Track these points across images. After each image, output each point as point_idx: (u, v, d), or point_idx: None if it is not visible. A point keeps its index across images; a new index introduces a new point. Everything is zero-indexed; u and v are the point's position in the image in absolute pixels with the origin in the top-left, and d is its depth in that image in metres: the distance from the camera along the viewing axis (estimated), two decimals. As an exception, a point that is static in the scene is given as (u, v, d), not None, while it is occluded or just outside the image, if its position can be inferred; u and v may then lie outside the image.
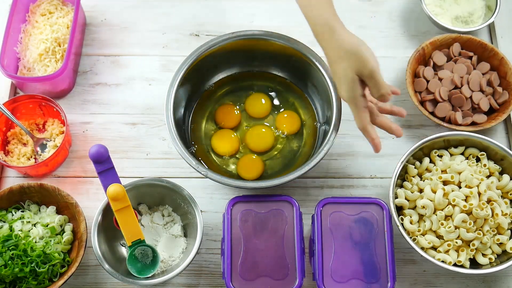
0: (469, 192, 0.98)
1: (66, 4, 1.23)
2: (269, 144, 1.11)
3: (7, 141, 1.13)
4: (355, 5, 1.28)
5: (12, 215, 1.02)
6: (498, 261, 0.99)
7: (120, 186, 0.93)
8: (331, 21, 0.92)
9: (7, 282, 0.97)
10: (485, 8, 1.22)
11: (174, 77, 1.06)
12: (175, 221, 1.04)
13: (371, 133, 0.93)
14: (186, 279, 1.04)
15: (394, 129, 0.96)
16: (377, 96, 0.90)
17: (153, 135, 1.15)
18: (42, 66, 1.15)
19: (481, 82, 1.13)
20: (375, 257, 0.95)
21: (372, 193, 1.10)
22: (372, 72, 0.89)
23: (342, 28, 0.92)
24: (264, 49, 1.12)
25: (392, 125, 0.96)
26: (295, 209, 0.98)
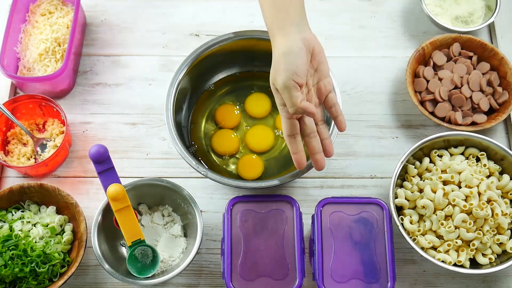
0: (469, 192, 0.98)
1: (66, 4, 1.23)
2: (269, 144, 1.11)
3: (7, 141, 1.13)
4: (355, 5, 1.28)
5: (12, 215, 1.02)
6: (498, 261, 0.99)
7: (120, 186, 0.93)
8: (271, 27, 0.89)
9: (7, 282, 0.97)
10: (485, 8, 1.22)
11: (174, 77, 1.06)
12: (175, 221, 1.04)
13: (292, 146, 0.88)
14: (186, 279, 1.04)
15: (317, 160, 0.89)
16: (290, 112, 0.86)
17: (153, 135, 1.15)
18: (42, 66, 1.15)
19: (481, 82, 1.13)
20: (375, 257, 0.95)
21: (372, 193, 1.10)
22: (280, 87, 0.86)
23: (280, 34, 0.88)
24: (264, 49, 1.11)
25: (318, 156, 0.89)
26: (295, 209, 0.98)
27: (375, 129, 1.16)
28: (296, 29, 0.87)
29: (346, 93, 1.19)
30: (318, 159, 0.90)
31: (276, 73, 0.86)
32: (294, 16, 0.88)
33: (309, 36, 0.88)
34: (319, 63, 0.90)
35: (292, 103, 0.85)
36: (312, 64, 0.89)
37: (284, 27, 0.88)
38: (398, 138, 1.15)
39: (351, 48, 1.23)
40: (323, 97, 0.91)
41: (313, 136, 0.90)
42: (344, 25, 1.26)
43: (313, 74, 0.90)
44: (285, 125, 0.88)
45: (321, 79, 0.90)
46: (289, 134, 0.88)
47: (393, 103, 1.18)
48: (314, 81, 0.91)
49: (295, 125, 0.88)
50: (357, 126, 1.16)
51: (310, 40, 0.88)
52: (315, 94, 0.91)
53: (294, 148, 0.88)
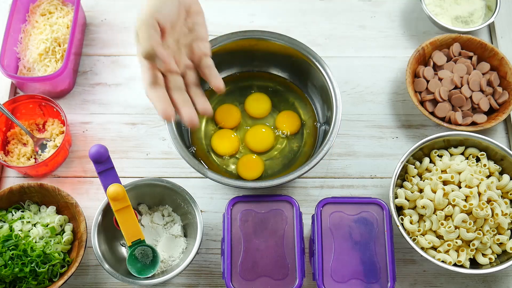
0: (469, 192, 0.98)
1: (66, 4, 1.23)
2: (269, 144, 1.11)
3: (7, 141, 1.13)
4: (355, 5, 1.28)
5: (12, 215, 1.02)
6: (498, 261, 0.99)
7: (120, 186, 0.93)
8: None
9: (7, 282, 0.97)
10: (485, 8, 1.22)
11: (174, 77, 1.06)
12: (175, 221, 1.04)
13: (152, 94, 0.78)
14: (186, 279, 1.04)
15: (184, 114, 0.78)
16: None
17: (153, 135, 1.15)
18: (42, 66, 1.15)
19: (481, 82, 1.13)
20: (375, 257, 0.95)
21: (372, 193, 1.10)
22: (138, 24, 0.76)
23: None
24: (264, 49, 1.12)
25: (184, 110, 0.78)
26: (295, 209, 0.98)
27: (375, 129, 1.16)
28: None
29: (346, 93, 1.19)
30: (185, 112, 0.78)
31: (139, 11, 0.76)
32: None
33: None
34: (196, 24, 0.83)
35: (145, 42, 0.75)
36: (187, 22, 0.82)
37: None
38: (398, 138, 1.15)
39: (351, 48, 1.23)
40: (197, 59, 0.83)
41: (179, 89, 0.79)
42: (344, 25, 1.26)
43: (187, 34, 0.83)
44: (144, 74, 0.78)
45: (195, 40, 0.83)
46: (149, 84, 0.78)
47: (393, 103, 1.18)
48: (186, 41, 0.83)
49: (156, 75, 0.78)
50: (357, 126, 1.16)
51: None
52: (185, 54, 0.83)
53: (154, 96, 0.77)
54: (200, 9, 0.84)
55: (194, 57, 0.83)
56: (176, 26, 0.81)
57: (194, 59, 0.83)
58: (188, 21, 0.83)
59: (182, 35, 0.82)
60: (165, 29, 0.78)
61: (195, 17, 0.83)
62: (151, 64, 0.78)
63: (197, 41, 0.83)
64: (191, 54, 0.83)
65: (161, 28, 0.77)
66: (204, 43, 0.84)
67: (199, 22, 0.84)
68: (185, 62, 0.83)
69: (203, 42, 0.84)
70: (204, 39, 0.84)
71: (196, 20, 0.83)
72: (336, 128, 1.02)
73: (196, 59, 0.83)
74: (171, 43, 0.80)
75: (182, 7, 0.81)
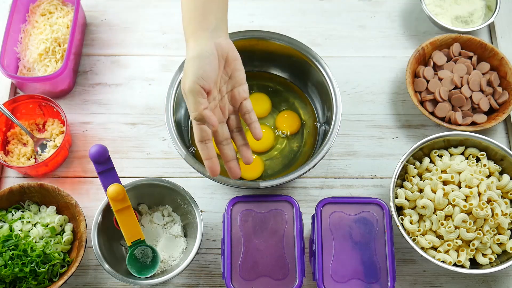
0: (469, 192, 0.98)
1: (66, 4, 1.23)
2: (269, 144, 1.11)
3: (7, 141, 1.13)
4: (355, 5, 1.28)
5: (12, 215, 1.02)
6: (498, 261, 0.99)
7: (120, 186, 0.93)
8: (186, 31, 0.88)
9: (7, 282, 0.97)
10: (485, 8, 1.22)
11: (174, 77, 1.06)
12: (175, 221, 1.04)
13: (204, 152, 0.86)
14: (186, 279, 1.04)
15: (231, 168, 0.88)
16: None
17: (153, 135, 1.15)
18: (42, 66, 1.15)
19: (481, 82, 1.13)
20: (375, 257, 0.95)
21: (372, 193, 1.10)
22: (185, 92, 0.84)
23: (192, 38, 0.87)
24: (264, 49, 1.12)
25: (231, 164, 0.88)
26: (295, 209, 0.98)
27: (375, 129, 1.16)
28: (209, 34, 0.86)
29: (346, 93, 1.19)
30: (231, 166, 0.88)
31: (184, 77, 0.84)
32: (211, 22, 0.87)
33: (224, 42, 0.87)
34: (234, 70, 0.89)
35: (194, 109, 0.82)
36: (226, 71, 0.88)
37: (197, 31, 0.86)
38: (398, 138, 1.15)
39: (351, 48, 1.23)
40: (238, 104, 0.90)
41: (226, 143, 0.89)
42: (344, 25, 1.26)
43: (227, 81, 0.89)
44: (195, 131, 0.85)
45: (235, 86, 0.89)
46: (199, 140, 0.85)
47: (393, 103, 1.18)
48: (228, 88, 0.89)
49: (206, 131, 0.85)
50: (357, 126, 1.16)
51: (224, 46, 0.87)
52: (228, 101, 0.90)
53: (205, 154, 0.85)
54: (236, 54, 0.89)
55: (235, 102, 0.90)
56: (222, 81, 0.88)
57: (234, 104, 0.90)
58: (227, 69, 0.88)
59: (223, 83, 0.89)
60: (210, 90, 0.84)
61: (233, 63, 0.89)
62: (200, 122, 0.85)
63: (237, 87, 0.90)
64: (233, 100, 0.90)
65: (206, 91, 0.84)
66: (243, 87, 0.90)
67: (237, 67, 0.89)
68: (229, 108, 0.90)
69: (242, 86, 0.90)
70: (243, 83, 0.90)
71: (234, 66, 0.89)
72: (336, 128, 1.02)
73: (237, 103, 0.90)
74: (216, 95, 0.87)
75: (221, 58, 0.86)
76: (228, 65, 0.88)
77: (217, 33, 0.87)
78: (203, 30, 0.86)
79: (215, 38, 0.86)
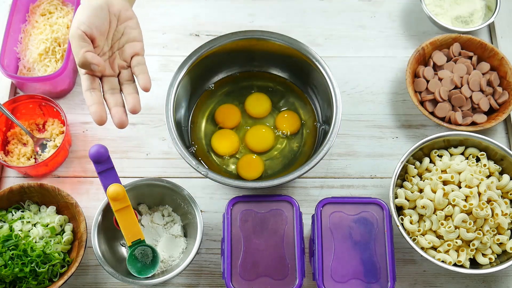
0: (469, 192, 0.98)
1: (66, 4, 1.23)
2: (269, 144, 1.11)
3: (7, 141, 1.13)
4: (355, 5, 1.28)
5: (12, 215, 1.02)
6: (498, 261, 0.99)
7: (120, 186, 0.93)
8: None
9: (7, 282, 0.97)
10: (485, 8, 1.22)
11: (174, 77, 1.06)
12: (175, 221, 1.04)
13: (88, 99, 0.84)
14: (186, 279, 1.04)
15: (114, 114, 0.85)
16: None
17: (153, 135, 1.15)
18: (42, 66, 1.15)
19: (481, 82, 1.13)
20: (375, 257, 0.95)
21: (372, 193, 1.10)
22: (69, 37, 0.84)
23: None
24: (264, 49, 1.12)
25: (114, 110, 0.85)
26: (295, 209, 0.98)
27: (375, 129, 1.16)
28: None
29: (346, 93, 1.19)
30: (114, 113, 0.85)
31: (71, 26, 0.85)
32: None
33: (117, 1, 0.88)
34: (127, 27, 0.90)
35: (76, 53, 0.83)
36: (118, 29, 0.89)
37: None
38: (398, 138, 1.15)
39: (351, 48, 1.23)
40: (129, 58, 0.89)
41: (112, 92, 0.87)
42: (344, 25, 1.26)
43: (120, 38, 0.89)
44: (83, 80, 0.85)
45: (128, 41, 0.89)
46: (86, 89, 0.85)
47: (393, 103, 1.18)
48: (120, 45, 0.90)
49: (94, 80, 0.85)
50: (357, 126, 1.16)
51: (115, 5, 0.88)
52: (120, 57, 0.89)
53: (89, 100, 0.84)
54: (131, 14, 0.91)
55: (125, 55, 0.90)
56: (109, 33, 0.88)
57: (127, 59, 0.90)
58: (119, 27, 0.90)
59: (115, 40, 0.89)
60: (94, 37, 0.85)
61: (126, 22, 0.90)
62: (88, 71, 0.85)
63: (129, 43, 0.90)
64: (124, 54, 0.90)
65: (90, 37, 0.85)
66: (135, 43, 0.90)
67: (131, 25, 0.90)
68: (119, 63, 0.89)
69: (134, 42, 0.90)
70: (136, 40, 0.90)
71: (127, 24, 0.90)
72: (336, 128, 1.02)
73: (128, 57, 0.90)
74: (105, 49, 0.88)
75: (112, 16, 0.88)
76: (121, 23, 0.89)
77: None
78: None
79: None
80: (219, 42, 1.09)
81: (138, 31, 0.91)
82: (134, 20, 0.91)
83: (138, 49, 0.90)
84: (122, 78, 0.89)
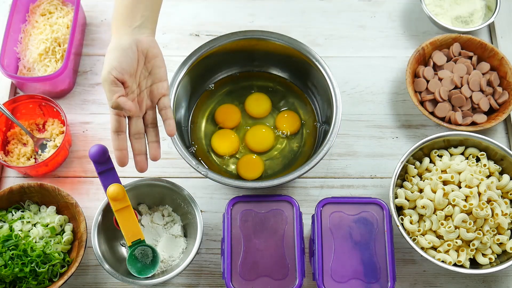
0: (469, 192, 0.98)
1: (66, 4, 1.23)
2: (269, 144, 1.11)
3: (7, 141, 1.13)
4: (355, 5, 1.28)
5: (12, 215, 1.02)
6: (498, 261, 0.99)
7: (120, 186, 0.93)
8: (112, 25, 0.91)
9: (7, 282, 0.97)
10: (485, 8, 1.22)
11: (174, 77, 1.06)
12: (175, 221, 1.04)
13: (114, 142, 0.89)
14: (186, 279, 1.04)
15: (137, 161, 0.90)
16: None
17: (153, 135, 1.15)
18: (42, 66, 1.15)
19: (481, 82, 1.13)
20: (375, 257, 0.95)
21: (372, 193, 1.10)
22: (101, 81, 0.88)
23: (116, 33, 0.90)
24: (264, 49, 1.12)
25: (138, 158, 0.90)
26: (295, 209, 0.98)
27: (375, 129, 1.16)
28: (132, 31, 0.89)
29: (346, 93, 1.19)
30: (138, 160, 0.90)
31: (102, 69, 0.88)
32: (136, 20, 0.90)
33: (146, 39, 0.90)
34: (154, 66, 0.91)
35: (109, 97, 0.86)
36: (146, 67, 0.91)
37: (121, 27, 0.90)
38: (398, 138, 1.15)
39: (351, 48, 1.23)
40: (156, 99, 0.92)
41: (138, 137, 0.91)
42: (344, 25, 1.26)
43: (147, 76, 0.91)
44: (111, 120, 0.89)
45: (155, 82, 0.91)
46: (113, 131, 0.89)
47: (393, 103, 1.18)
48: (147, 84, 0.92)
49: (121, 123, 0.89)
50: (357, 126, 1.16)
51: (144, 42, 0.90)
52: (147, 96, 0.92)
53: (116, 144, 0.89)
54: (157, 51, 0.92)
55: (153, 97, 0.92)
56: (137, 72, 0.90)
57: (153, 99, 0.92)
58: (147, 65, 0.91)
59: (142, 78, 0.91)
60: (124, 80, 0.87)
61: (154, 60, 0.92)
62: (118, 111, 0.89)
63: (157, 83, 0.92)
64: (151, 95, 0.92)
65: (121, 81, 0.87)
66: (162, 83, 0.92)
67: (157, 64, 0.92)
68: (147, 103, 0.92)
69: (161, 82, 0.92)
70: (163, 79, 0.92)
71: (155, 62, 0.92)
72: (336, 128, 1.02)
73: (155, 99, 0.92)
74: (134, 87, 0.90)
75: (140, 54, 0.90)
76: (149, 61, 0.91)
77: (140, 30, 0.90)
78: (127, 27, 0.89)
79: (137, 34, 0.89)
80: (219, 42, 1.09)
81: (164, 69, 0.92)
82: (160, 58, 0.92)
83: (165, 89, 0.92)
84: (147, 120, 0.92)
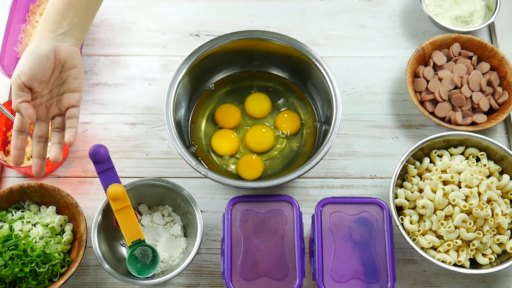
0: (469, 192, 0.98)
1: (66, 4, 1.23)
2: (269, 144, 1.11)
3: (7, 141, 1.13)
4: (355, 5, 1.28)
5: (12, 215, 1.02)
6: (498, 261, 0.99)
7: (120, 186, 0.93)
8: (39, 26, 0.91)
9: (7, 282, 0.97)
10: (485, 8, 1.22)
11: (174, 77, 1.06)
12: (175, 221, 1.04)
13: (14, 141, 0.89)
14: (186, 279, 1.04)
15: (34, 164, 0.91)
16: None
17: (153, 135, 1.15)
18: (42, 66, 1.15)
19: (481, 82, 1.13)
20: (375, 257, 0.95)
21: (372, 193, 1.10)
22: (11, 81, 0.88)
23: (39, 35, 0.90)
24: (264, 49, 1.12)
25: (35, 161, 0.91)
26: (295, 209, 0.98)
27: (375, 129, 1.16)
28: (54, 37, 0.89)
29: (346, 93, 1.19)
30: (34, 163, 0.91)
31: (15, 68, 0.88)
32: (62, 27, 0.90)
33: (66, 48, 0.90)
34: (70, 77, 0.91)
35: (13, 100, 0.87)
36: (61, 76, 0.91)
37: (45, 31, 0.89)
38: (398, 138, 1.15)
39: (351, 48, 1.23)
40: (64, 109, 0.92)
41: (39, 141, 0.91)
42: (344, 25, 1.26)
43: (60, 85, 0.92)
44: (15, 119, 0.89)
45: (66, 91, 0.92)
46: (16, 129, 0.89)
47: (393, 103, 1.18)
48: (59, 92, 0.92)
49: (24, 124, 0.89)
50: (357, 126, 1.16)
51: (63, 52, 0.90)
52: (56, 104, 0.92)
53: (14, 143, 0.89)
54: (76, 63, 0.92)
55: (61, 105, 0.92)
56: (50, 79, 0.90)
57: (61, 108, 0.93)
58: (63, 74, 0.92)
59: (55, 86, 0.92)
60: (32, 87, 0.88)
61: (70, 71, 0.92)
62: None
63: (68, 93, 0.92)
64: (59, 104, 0.92)
65: (28, 87, 0.87)
66: (73, 94, 0.93)
67: (73, 75, 0.92)
68: (54, 110, 0.92)
69: (73, 93, 0.93)
70: (76, 91, 0.93)
71: (70, 73, 0.92)
72: (336, 128, 1.02)
73: (63, 107, 0.92)
74: (44, 92, 0.90)
75: (57, 62, 0.90)
76: (65, 70, 0.91)
77: (64, 38, 0.90)
78: (51, 32, 0.89)
79: (59, 42, 0.89)
80: (219, 42, 1.09)
81: (79, 81, 0.93)
82: (78, 70, 0.92)
83: (75, 100, 0.92)
84: (53, 125, 0.93)
